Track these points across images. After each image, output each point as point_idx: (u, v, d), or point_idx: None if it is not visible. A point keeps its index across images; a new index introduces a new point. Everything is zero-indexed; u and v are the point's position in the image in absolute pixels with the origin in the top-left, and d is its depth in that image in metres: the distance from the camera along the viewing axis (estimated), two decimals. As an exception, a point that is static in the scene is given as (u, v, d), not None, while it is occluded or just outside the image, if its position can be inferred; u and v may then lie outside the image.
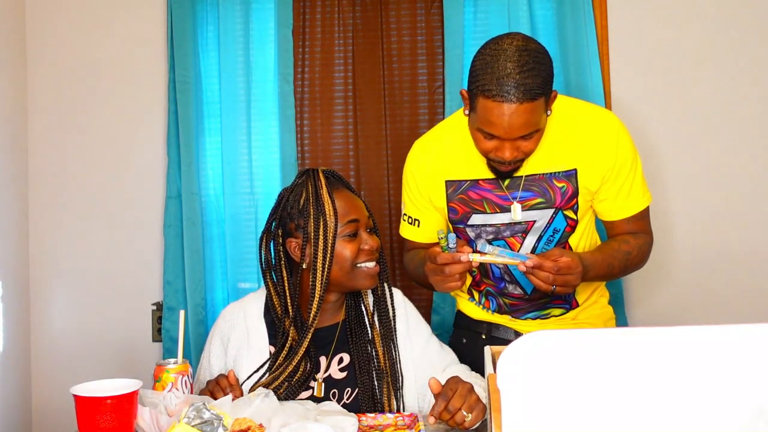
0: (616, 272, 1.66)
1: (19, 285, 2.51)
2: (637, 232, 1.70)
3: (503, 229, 1.68)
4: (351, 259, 1.54)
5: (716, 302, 2.40)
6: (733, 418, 0.80)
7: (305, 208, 1.54)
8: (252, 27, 2.50)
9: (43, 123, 2.58)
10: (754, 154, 2.41)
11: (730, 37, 2.42)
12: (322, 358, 1.57)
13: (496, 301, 1.79)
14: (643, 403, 0.80)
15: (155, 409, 1.28)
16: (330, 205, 1.53)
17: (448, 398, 1.33)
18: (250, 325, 1.58)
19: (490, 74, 1.44)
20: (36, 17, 2.58)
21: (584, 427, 0.81)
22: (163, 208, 2.49)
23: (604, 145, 1.62)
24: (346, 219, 1.54)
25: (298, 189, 1.58)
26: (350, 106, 2.52)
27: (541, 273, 1.47)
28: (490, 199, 1.67)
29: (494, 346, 1.16)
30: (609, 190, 1.65)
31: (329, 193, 1.54)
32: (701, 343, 0.81)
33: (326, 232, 1.52)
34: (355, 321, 1.60)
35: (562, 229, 1.67)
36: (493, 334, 1.81)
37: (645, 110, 2.44)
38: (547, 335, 0.82)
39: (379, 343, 1.57)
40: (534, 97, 1.44)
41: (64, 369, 2.54)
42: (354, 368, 1.56)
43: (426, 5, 2.50)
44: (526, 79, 1.42)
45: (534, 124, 1.48)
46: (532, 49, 1.46)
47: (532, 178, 1.64)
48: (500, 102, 1.43)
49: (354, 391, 1.54)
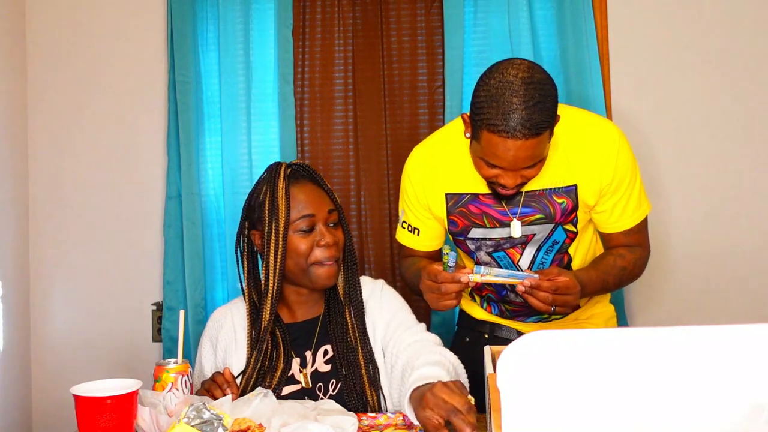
0: (611, 287, 1.66)
1: (19, 285, 2.51)
2: (634, 245, 1.69)
3: (503, 242, 1.67)
4: (306, 253, 1.54)
5: (717, 302, 2.40)
6: (733, 418, 0.80)
7: (263, 202, 1.57)
8: (252, 27, 2.50)
9: (43, 123, 2.58)
10: (755, 155, 2.41)
11: (732, 38, 2.42)
12: (308, 352, 1.58)
13: (498, 307, 1.79)
14: (643, 402, 0.80)
15: (155, 409, 1.28)
16: (283, 200, 1.54)
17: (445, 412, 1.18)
18: (237, 325, 1.60)
19: (495, 108, 1.40)
20: (36, 17, 2.58)
21: (584, 427, 0.81)
22: (163, 208, 2.49)
23: (603, 159, 1.59)
24: (300, 213, 1.54)
25: (261, 183, 1.61)
26: (350, 106, 2.52)
27: (540, 293, 1.46)
28: (490, 214, 1.66)
29: (494, 346, 1.16)
30: (606, 203, 1.64)
31: (285, 188, 1.55)
32: (701, 343, 0.81)
33: (277, 226, 1.53)
34: (333, 312, 1.61)
35: (562, 240, 1.67)
36: (496, 334, 1.81)
37: (645, 111, 2.43)
38: (547, 335, 0.82)
39: (353, 335, 1.57)
40: (540, 132, 1.41)
41: (64, 369, 2.54)
42: (336, 360, 1.56)
43: (426, 5, 2.50)
44: (533, 114, 1.39)
45: (538, 156, 1.47)
46: (537, 80, 1.42)
47: (532, 194, 1.62)
48: (506, 138, 1.41)
49: (338, 383, 1.54)
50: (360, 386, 1.52)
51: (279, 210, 1.54)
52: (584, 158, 1.60)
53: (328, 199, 1.59)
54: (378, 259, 2.48)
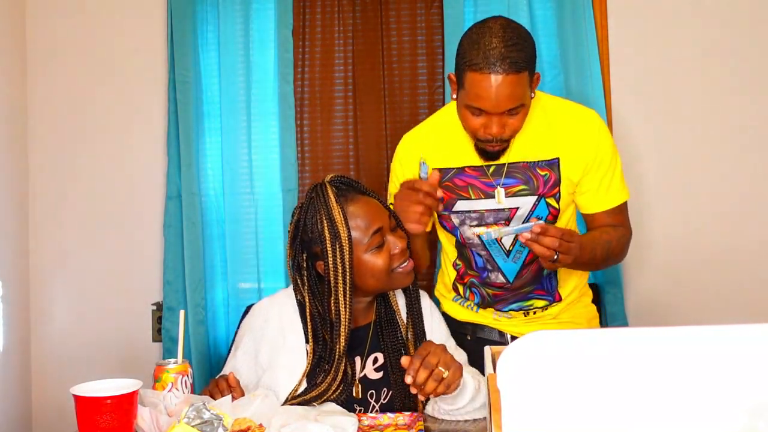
0: (598, 260, 1.68)
1: (19, 285, 2.51)
2: (617, 225, 1.74)
3: (487, 216, 1.71)
4: (385, 268, 1.50)
5: (717, 303, 2.40)
6: (733, 418, 0.79)
7: (322, 231, 1.48)
8: (252, 27, 2.50)
9: (43, 123, 2.58)
10: (756, 155, 2.41)
11: (731, 37, 2.41)
12: (357, 358, 1.55)
13: (479, 293, 1.81)
14: (643, 403, 0.80)
15: (155, 409, 1.28)
16: (343, 226, 1.47)
17: (423, 356, 1.34)
18: (285, 322, 1.54)
19: (476, 50, 1.51)
20: (36, 17, 2.58)
21: (584, 427, 0.81)
22: (163, 208, 2.49)
23: (585, 136, 1.68)
24: (369, 231, 1.49)
25: (310, 209, 1.52)
26: (350, 106, 2.52)
27: (546, 239, 1.48)
28: (475, 185, 1.71)
29: (494, 346, 1.16)
30: (591, 181, 1.69)
31: (342, 212, 1.48)
32: (701, 343, 0.81)
33: (343, 254, 1.46)
34: (385, 320, 1.58)
35: (544, 216, 1.70)
36: (478, 335, 1.83)
37: (645, 111, 2.43)
38: (547, 335, 0.82)
39: (411, 341, 1.56)
40: (519, 69, 1.50)
41: (64, 369, 2.53)
42: (388, 368, 1.54)
43: (426, 5, 2.50)
44: (511, 52, 1.49)
45: (519, 98, 1.54)
46: (516, 27, 1.55)
47: (516, 166, 1.68)
48: (487, 74, 1.50)
49: (390, 391, 1.53)
50: (413, 397, 1.49)
51: (342, 237, 1.47)
52: (567, 133, 1.68)
53: (381, 205, 1.56)
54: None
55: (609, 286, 2.35)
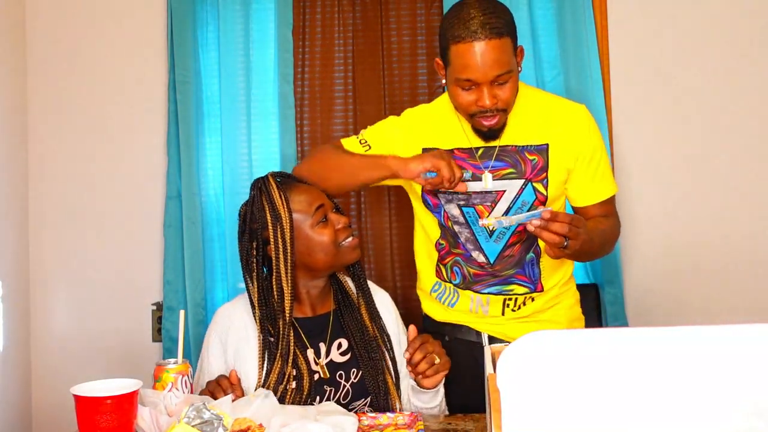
0: (596, 248, 1.69)
1: (19, 285, 2.51)
2: (608, 215, 1.77)
3: (474, 197, 1.73)
4: (332, 242, 1.60)
5: (717, 303, 2.40)
6: (733, 418, 0.80)
7: (265, 217, 1.60)
8: (252, 27, 2.50)
9: (43, 123, 2.58)
10: (757, 154, 2.41)
11: (732, 37, 2.41)
12: (321, 344, 1.61)
13: (461, 272, 1.81)
14: (642, 402, 0.80)
15: (155, 409, 1.28)
16: (284, 209, 1.58)
17: (423, 341, 1.51)
18: (248, 322, 1.61)
19: (457, 23, 1.57)
20: (36, 17, 2.58)
21: (584, 427, 0.81)
22: (163, 208, 2.49)
23: (575, 126, 1.72)
24: (312, 208, 1.60)
25: (256, 202, 1.63)
26: (350, 106, 2.52)
27: (555, 225, 1.49)
28: (463, 168, 1.72)
29: (494, 346, 1.16)
30: (585, 172, 1.72)
31: (283, 197, 1.59)
32: (701, 343, 0.81)
33: (284, 234, 1.57)
34: (344, 305, 1.67)
35: (531, 202, 1.72)
36: (457, 336, 1.84)
37: (645, 110, 2.43)
38: (547, 335, 0.82)
39: (367, 318, 1.65)
40: (500, 34, 1.55)
41: (64, 369, 2.53)
42: (354, 351, 1.61)
43: (426, 5, 2.50)
44: (490, 19, 1.55)
45: (505, 64, 1.57)
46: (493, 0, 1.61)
47: (505, 149, 1.71)
48: (470, 42, 1.55)
49: (359, 371, 1.59)
50: (382, 374, 1.58)
51: (282, 218, 1.58)
52: (557, 122, 1.72)
53: (321, 191, 1.66)
54: (378, 259, 2.48)
55: (609, 286, 2.35)
